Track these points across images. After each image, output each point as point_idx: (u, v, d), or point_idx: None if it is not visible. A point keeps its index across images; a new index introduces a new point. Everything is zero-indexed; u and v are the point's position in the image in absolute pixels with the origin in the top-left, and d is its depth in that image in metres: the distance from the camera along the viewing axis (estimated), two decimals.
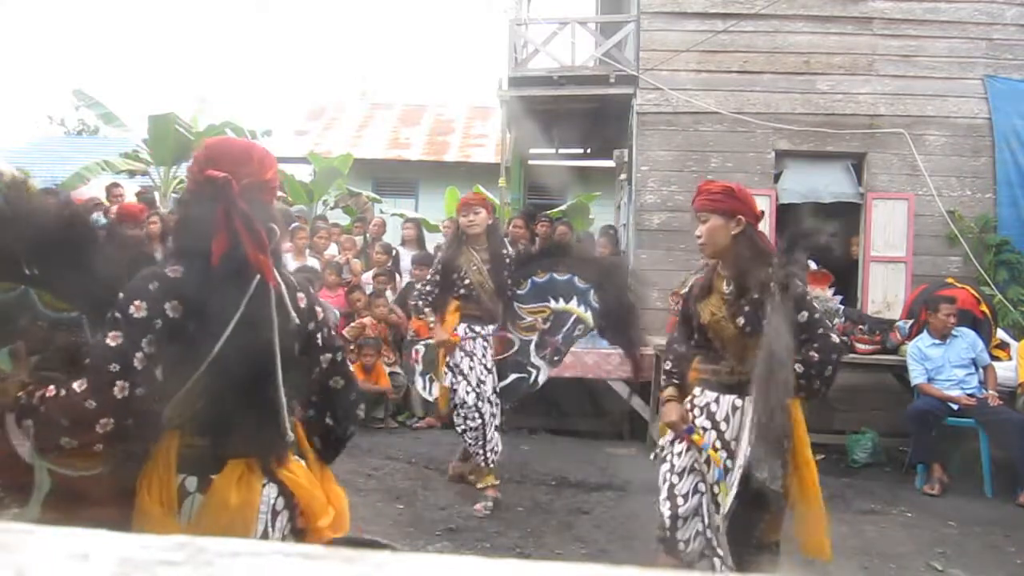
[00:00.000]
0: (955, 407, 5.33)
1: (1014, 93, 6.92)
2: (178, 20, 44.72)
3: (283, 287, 1.63)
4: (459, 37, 50.72)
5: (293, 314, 1.66)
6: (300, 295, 1.74)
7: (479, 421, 4.45)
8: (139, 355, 1.46)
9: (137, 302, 1.49)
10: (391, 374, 6.62)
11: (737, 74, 7.14)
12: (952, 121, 6.97)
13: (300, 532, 1.71)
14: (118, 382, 1.44)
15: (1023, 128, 6.89)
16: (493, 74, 24.73)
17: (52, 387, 1.48)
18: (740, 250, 2.64)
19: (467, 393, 4.48)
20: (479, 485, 4.57)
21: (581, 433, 6.43)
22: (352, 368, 1.86)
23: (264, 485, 1.64)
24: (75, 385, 1.45)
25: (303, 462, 1.78)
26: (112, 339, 1.47)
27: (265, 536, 1.62)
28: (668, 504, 2.75)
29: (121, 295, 1.51)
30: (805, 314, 2.51)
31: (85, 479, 1.59)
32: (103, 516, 1.55)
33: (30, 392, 1.49)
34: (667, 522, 2.73)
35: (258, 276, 1.56)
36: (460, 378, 4.52)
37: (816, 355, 2.46)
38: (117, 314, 1.48)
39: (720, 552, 2.65)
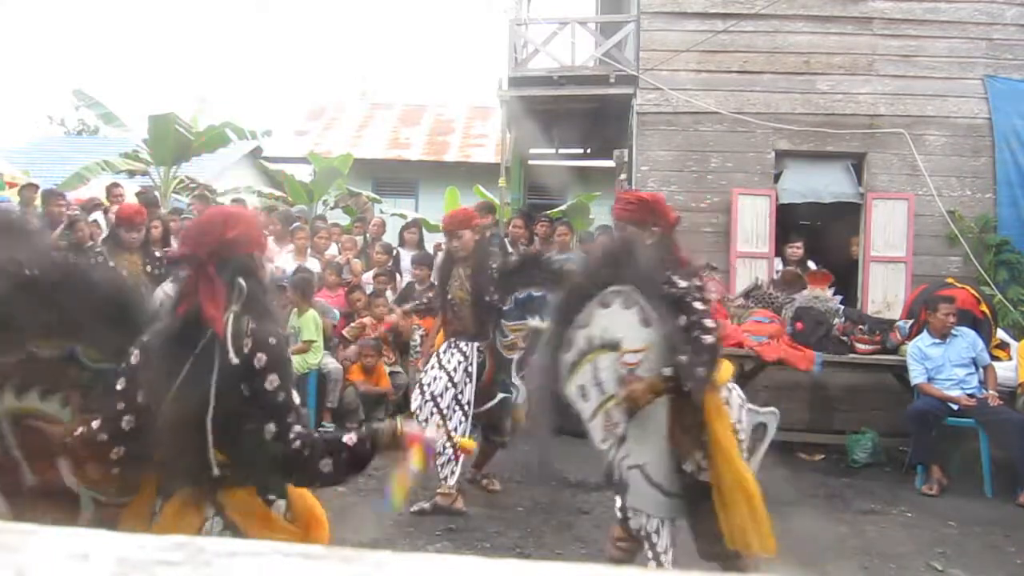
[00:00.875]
0: (955, 407, 5.32)
1: (1014, 93, 6.91)
2: (178, 20, 44.69)
3: (229, 333, 1.77)
4: (459, 37, 50.68)
5: (232, 355, 1.76)
6: (248, 341, 1.79)
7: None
8: (140, 393, 1.80)
9: (135, 351, 1.84)
10: (391, 374, 6.62)
11: (737, 74, 7.14)
12: (952, 121, 6.96)
13: None
14: (124, 417, 1.79)
15: (1023, 128, 6.88)
16: (493, 74, 24.68)
17: (82, 428, 1.82)
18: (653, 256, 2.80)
19: (413, 399, 4.55)
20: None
21: (581, 433, 6.42)
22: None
23: (208, 519, 1.82)
24: (93, 423, 1.81)
25: (278, 502, 1.90)
26: (120, 383, 1.82)
27: None
28: None
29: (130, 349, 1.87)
30: (684, 318, 2.65)
31: (118, 504, 1.92)
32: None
33: (70, 434, 1.84)
34: None
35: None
36: (417, 387, 4.56)
37: (686, 357, 2.60)
38: (123, 364, 1.84)
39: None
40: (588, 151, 11.21)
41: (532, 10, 9.08)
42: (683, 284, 2.68)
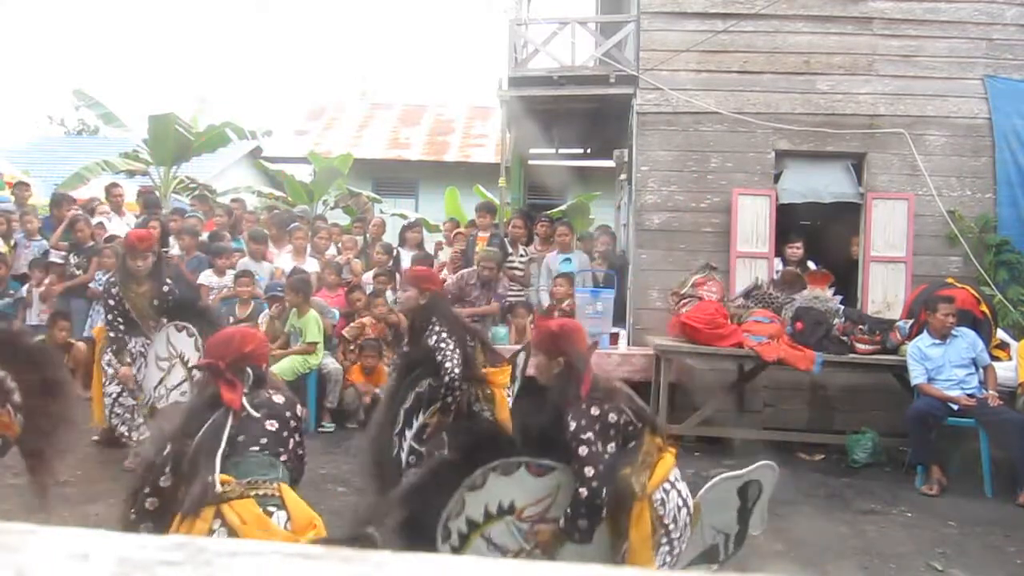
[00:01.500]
0: (955, 407, 5.32)
1: (1014, 93, 6.90)
2: (178, 20, 44.68)
3: (247, 407, 2.49)
4: (459, 37, 50.68)
5: (251, 411, 2.50)
6: (278, 397, 2.59)
7: None
8: (162, 478, 2.39)
9: (168, 447, 2.43)
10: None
11: (737, 74, 7.13)
12: (952, 121, 6.96)
13: None
14: (149, 499, 2.40)
15: (1023, 128, 6.88)
16: (493, 74, 24.71)
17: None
18: (559, 386, 2.89)
19: None
20: None
21: None
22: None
23: (215, 531, 2.27)
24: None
25: (278, 513, 2.33)
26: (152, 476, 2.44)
27: None
28: None
29: None
30: (576, 464, 2.69)
31: None
32: None
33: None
34: None
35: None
36: None
37: (569, 509, 2.69)
38: (159, 459, 2.45)
39: None
40: (588, 151, 11.20)
41: (532, 10, 9.07)
42: (571, 427, 2.69)
